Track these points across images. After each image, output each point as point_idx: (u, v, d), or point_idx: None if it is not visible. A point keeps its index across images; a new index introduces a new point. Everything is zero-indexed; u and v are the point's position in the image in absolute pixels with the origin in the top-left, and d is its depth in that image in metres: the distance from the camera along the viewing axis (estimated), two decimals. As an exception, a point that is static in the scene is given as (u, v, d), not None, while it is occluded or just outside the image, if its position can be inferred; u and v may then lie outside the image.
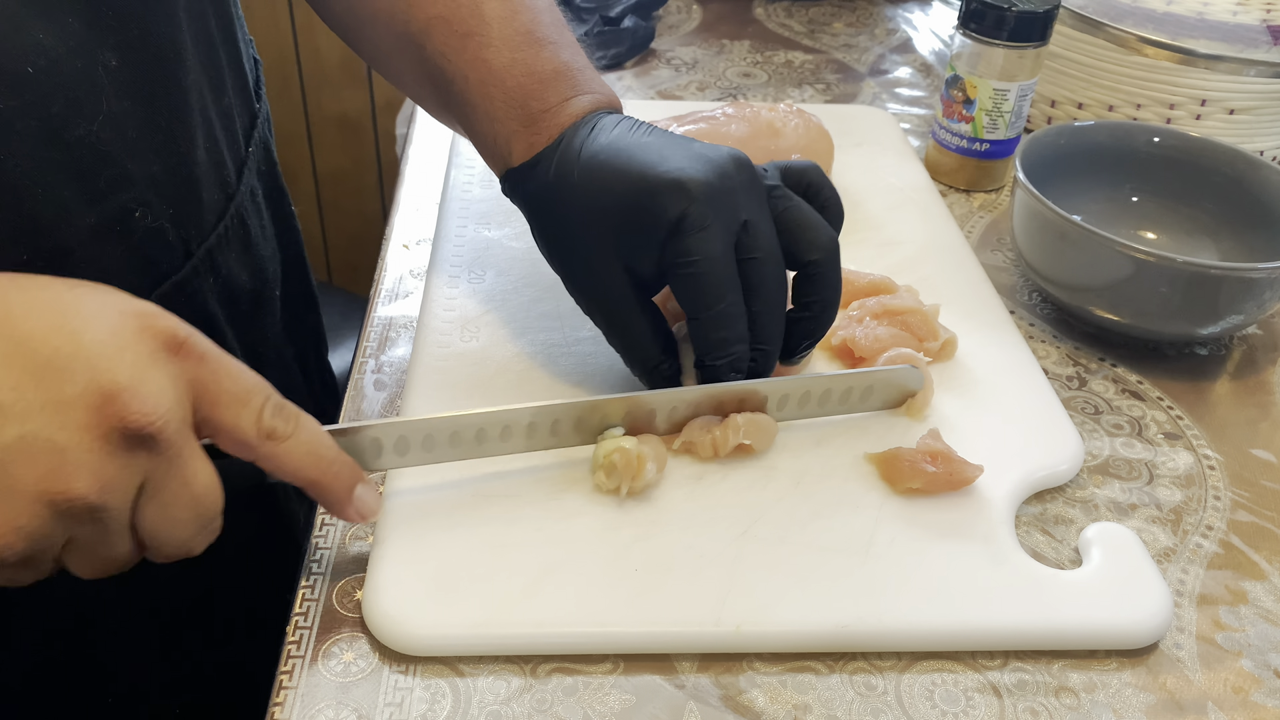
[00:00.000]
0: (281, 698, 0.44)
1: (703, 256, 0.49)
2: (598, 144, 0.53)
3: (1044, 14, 0.74)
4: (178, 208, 0.53)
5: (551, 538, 0.49)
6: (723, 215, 0.50)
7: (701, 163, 0.51)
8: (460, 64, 0.56)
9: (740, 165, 0.52)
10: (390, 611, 0.45)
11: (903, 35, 1.10)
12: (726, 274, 0.50)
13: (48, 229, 0.47)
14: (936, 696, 0.45)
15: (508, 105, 0.55)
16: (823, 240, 0.52)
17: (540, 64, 0.56)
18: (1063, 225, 0.62)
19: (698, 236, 0.49)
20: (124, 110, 0.49)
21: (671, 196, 0.49)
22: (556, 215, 0.54)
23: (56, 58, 0.45)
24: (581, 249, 0.53)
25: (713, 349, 0.51)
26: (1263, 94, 0.80)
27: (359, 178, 1.78)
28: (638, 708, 0.44)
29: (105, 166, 0.48)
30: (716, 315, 0.50)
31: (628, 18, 1.03)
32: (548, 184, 0.54)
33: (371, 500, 0.45)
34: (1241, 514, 0.55)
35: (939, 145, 0.82)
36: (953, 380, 0.60)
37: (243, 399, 0.40)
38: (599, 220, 0.52)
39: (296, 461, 0.42)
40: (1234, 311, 0.61)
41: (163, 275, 0.53)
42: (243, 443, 0.41)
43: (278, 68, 1.64)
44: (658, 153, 0.52)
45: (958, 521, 0.51)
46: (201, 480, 0.40)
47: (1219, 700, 0.46)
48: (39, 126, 0.45)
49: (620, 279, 0.52)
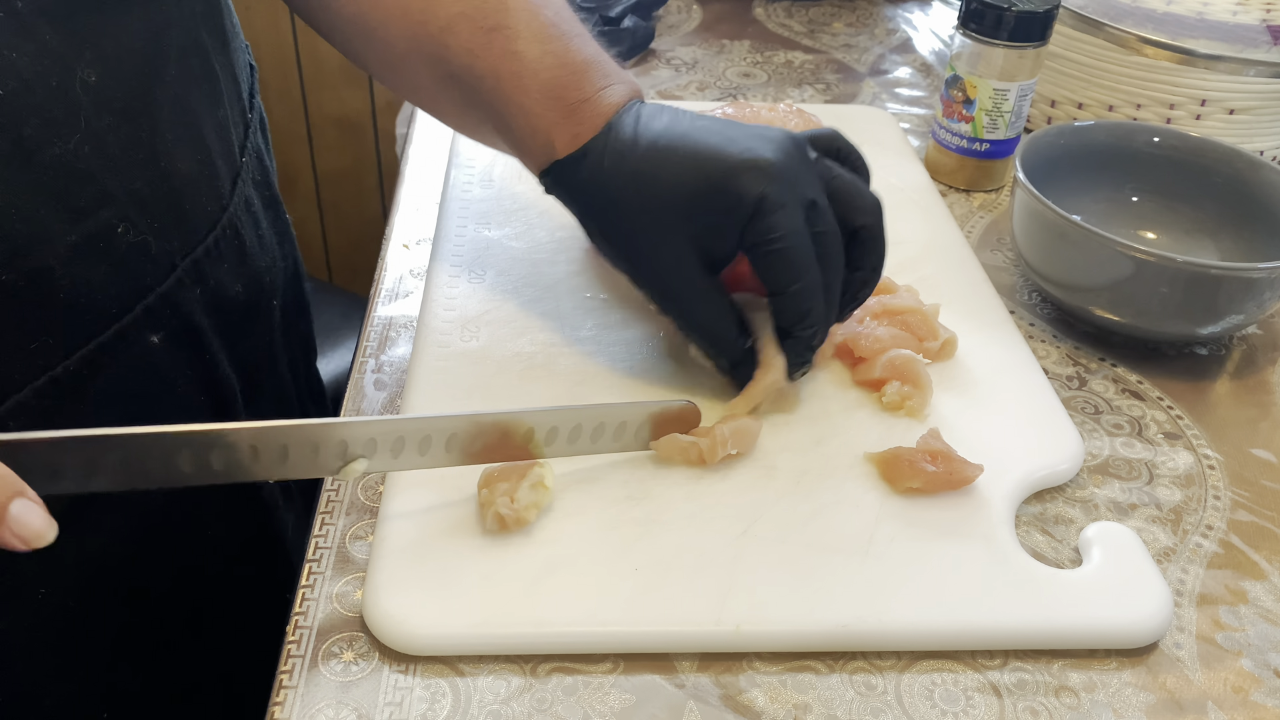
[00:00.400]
0: (281, 697, 0.44)
1: (787, 232, 0.51)
2: (654, 130, 0.53)
3: (1044, 14, 0.74)
4: (161, 221, 0.52)
5: (551, 537, 0.49)
6: (796, 193, 0.52)
7: (768, 143, 0.52)
8: (489, 59, 0.55)
9: (798, 144, 0.54)
10: (390, 611, 0.45)
11: (903, 35, 1.10)
12: (807, 247, 0.52)
13: (26, 249, 0.45)
14: (936, 696, 0.45)
15: (544, 98, 0.54)
16: (870, 204, 0.55)
17: (570, 55, 0.55)
18: (1063, 225, 0.62)
19: (781, 214, 0.51)
20: (104, 126, 0.48)
21: (751, 177, 0.51)
22: (616, 205, 0.54)
23: (29, 78, 0.44)
24: (648, 237, 0.53)
25: (800, 320, 0.53)
26: (1263, 94, 0.80)
27: (359, 178, 1.78)
28: (638, 707, 0.44)
29: (85, 185, 0.47)
30: (804, 288, 0.52)
31: (628, 18, 1.03)
32: (602, 175, 0.54)
33: (33, 521, 0.38)
34: (1241, 514, 0.55)
35: (939, 145, 0.82)
36: (953, 380, 0.60)
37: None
38: (667, 206, 0.52)
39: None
40: (1234, 311, 0.61)
41: (146, 289, 0.52)
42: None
43: (278, 69, 1.64)
44: (722, 135, 0.53)
45: (958, 521, 0.51)
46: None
47: (1219, 700, 0.46)
48: (12, 149, 0.44)
49: (694, 262, 0.53)
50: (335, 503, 0.53)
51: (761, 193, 0.51)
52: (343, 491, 0.53)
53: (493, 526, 0.48)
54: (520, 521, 0.48)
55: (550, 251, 0.68)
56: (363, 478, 0.47)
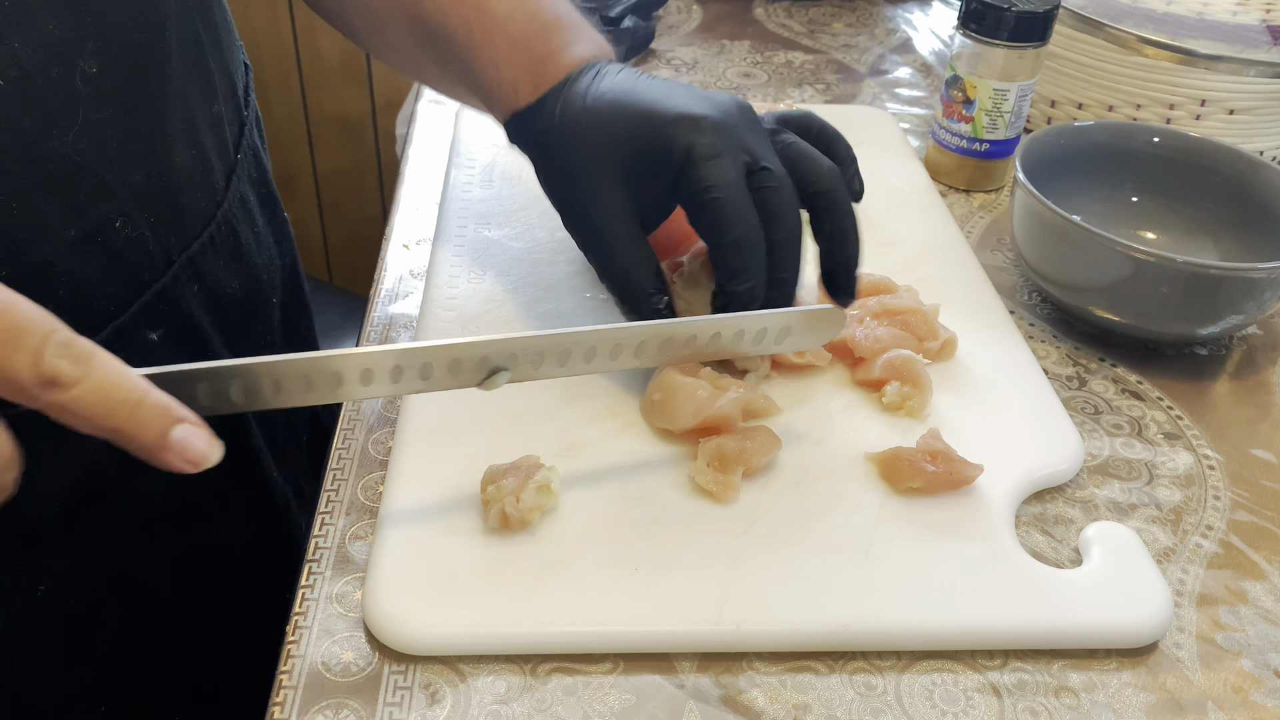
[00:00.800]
0: (281, 697, 0.44)
1: (718, 183, 0.51)
2: (604, 85, 0.55)
3: (1044, 14, 0.74)
4: (158, 216, 0.52)
5: (551, 537, 0.49)
6: (731, 146, 0.52)
7: (706, 101, 0.53)
8: (461, 17, 0.57)
9: (742, 106, 0.54)
10: (390, 611, 0.45)
11: (903, 35, 1.10)
12: (742, 200, 0.51)
13: (24, 245, 0.45)
14: (936, 696, 0.45)
15: (512, 50, 0.56)
16: (824, 170, 0.55)
17: (541, 11, 0.57)
18: (1063, 225, 0.62)
19: (711, 164, 0.51)
20: (103, 119, 0.47)
21: (680, 128, 0.52)
22: (562, 153, 0.55)
23: (30, 69, 0.44)
24: (586, 184, 0.54)
25: (734, 275, 0.52)
26: (1263, 94, 0.80)
27: (359, 178, 1.78)
28: (638, 707, 0.44)
29: (84, 178, 0.47)
30: (736, 240, 0.51)
31: (628, 18, 1.03)
32: (553, 124, 0.55)
33: (198, 442, 0.39)
34: (1241, 514, 0.55)
35: (939, 145, 0.82)
36: (953, 380, 0.60)
37: (15, 338, 0.34)
38: (607, 156, 0.54)
39: (88, 409, 0.36)
40: (1234, 311, 0.61)
41: (144, 284, 0.52)
42: (19, 390, 0.35)
43: (278, 68, 1.64)
44: (664, 92, 0.54)
45: (958, 521, 0.51)
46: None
47: (1219, 700, 0.46)
48: (13, 141, 0.44)
49: (622, 211, 0.54)
50: (335, 503, 0.53)
51: (691, 143, 0.51)
52: (342, 491, 0.53)
53: (495, 524, 0.48)
54: (523, 523, 0.48)
55: (550, 251, 0.68)
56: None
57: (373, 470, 0.54)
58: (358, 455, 0.55)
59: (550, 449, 0.53)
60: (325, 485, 0.53)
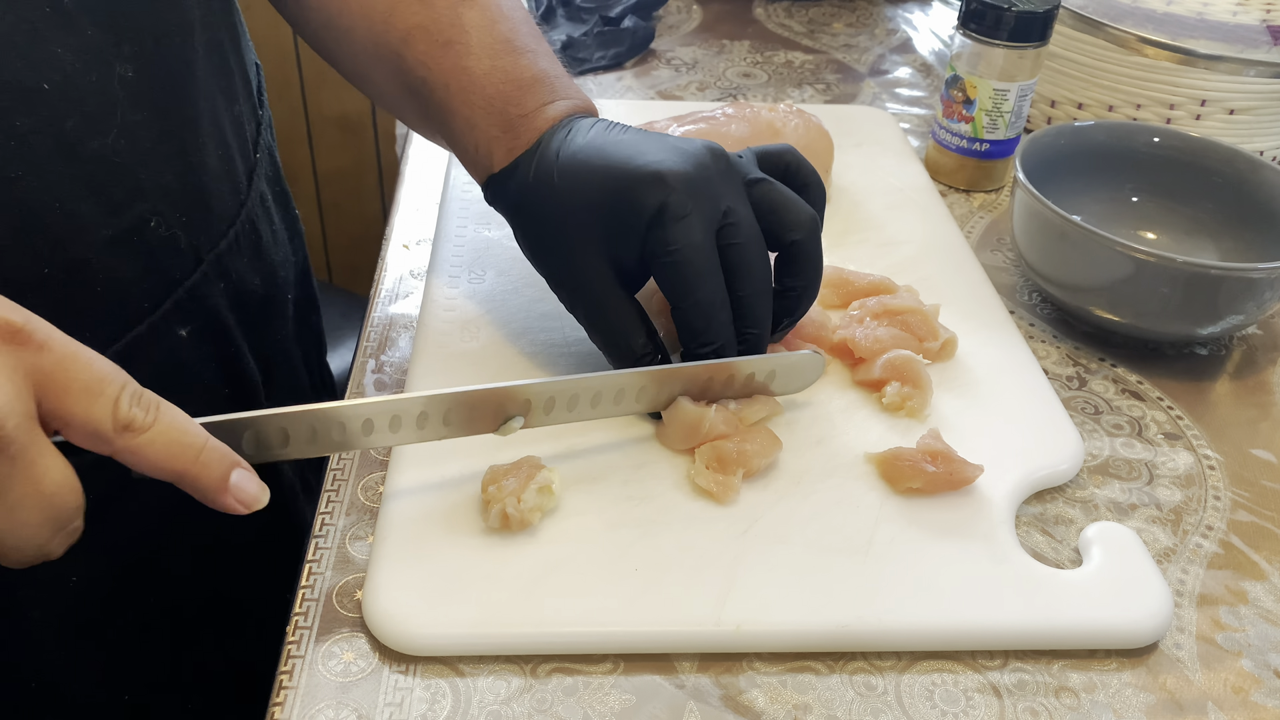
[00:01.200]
0: (281, 697, 0.44)
1: (683, 245, 0.50)
2: (575, 144, 0.54)
3: (1044, 14, 0.74)
4: (189, 215, 0.54)
5: (552, 537, 0.49)
6: (701, 204, 0.51)
7: (677, 154, 0.52)
8: (440, 72, 0.57)
9: (715, 155, 0.53)
10: (390, 611, 0.45)
11: (903, 35, 1.10)
12: (707, 262, 0.51)
13: (65, 243, 0.47)
14: (936, 696, 0.45)
15: (488, 112, 0.56)
16: (802, 219, 0.54)
17: (519, 71, 0.56)
18: (1063, 225, 0.62)
19: (678, 226, 0.50)
20: (139, 121, 0.49)
21: (650, 188, 0.50)
22: (539, 216, 0.55)
23: (72, 72, 0.45)
24: (564, 246, 0.54)
25: (696, 336, 0.52)
26: (1263, 94, 0.80)
27: (359, 178, 1.78)
28: (638, 708, 0.44)
29: (120, 179, 0.48)
30: (698, 303, 0.51)
31: (628, 18, 1.03)
32: (528, 186, 0.54)
33: (250, 488, 0.41)
34: (1241, 514, 0.55)
35: (939, 145, 0.82)
36: (953, 380, 0.60)
37: (94, 388, 0.37)
38: (581, 217, 0.53)
39: (158, 454, 0.38)
40: (1234, 311, 0.61)
41: (175, 282, 0.54)
42: (96, 436, 0.37)
43: (278, 68, 1.64)
44: (634, 147, 0.53)
45: (958, 521, 0.51)
46: (52, 478, 0.36)
47: (1219, 700, 0.46)
48: (55, 143, 0.45)
49: (603, 271, 0.53)
50: (335, 503, 0.53)
51: (660, 203, 0.50)
52: (343, 492, 0.53)
53: (495, 524, 0.48)
54: (523, 523, 0.48)
55: (550, 251, 0.68)
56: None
57: (373, 470, 0.54)
58: (358, 455, 0.55)
59: (550, 449, 0.53)
60: (325, 485, 0.53)
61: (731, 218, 0.51)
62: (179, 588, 0.60)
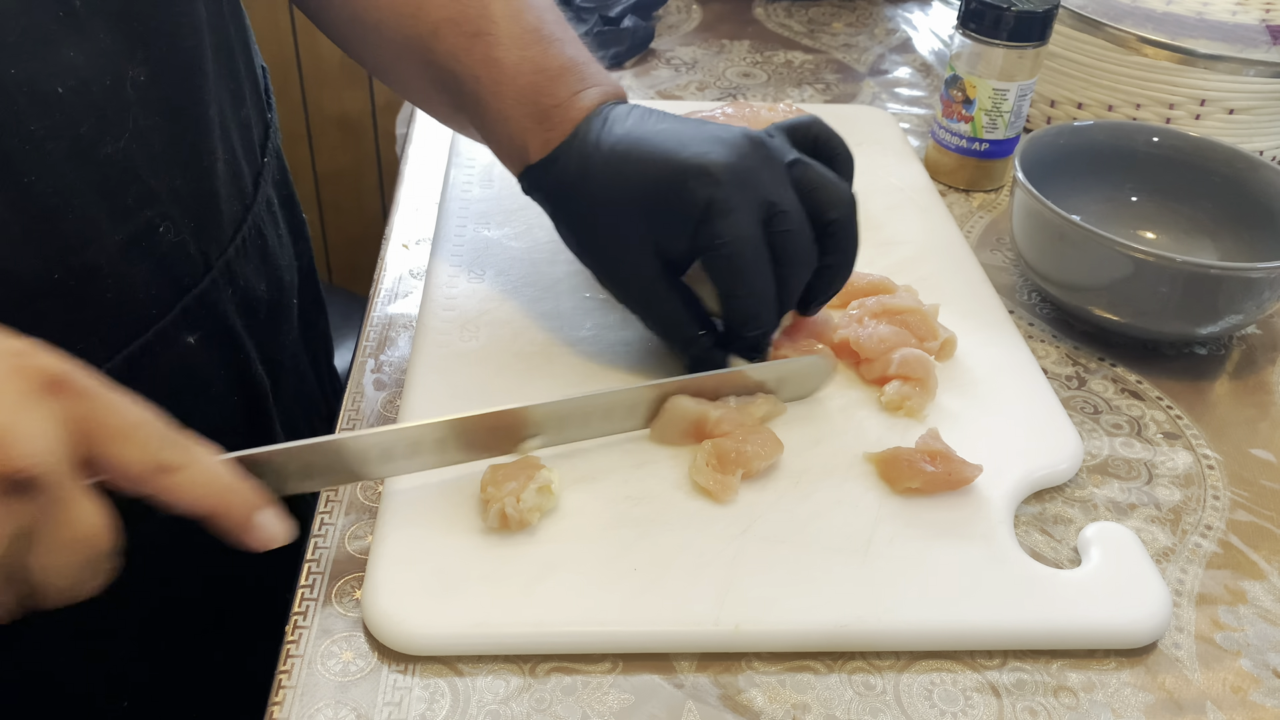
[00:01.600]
0: (280, 697, 0.44)
1: (733, 238, 0.51)
2: (615, 135, 0.54)
3: (1044, 14, 0.74)
4: (199, 221, 0.54)
5: (551, 537, 0.49)
6: (748, 195, 0.51)
7: (721, 146, 0.52)
8: (471, 64, 0.57)
9: (756, 144, 0.53)
10: (389, 611, 0.45)
11: (902, 35, 1.10)
12: (757, 253, 0.52)
13: (78, 248, 0.47)
14: (935, 696, 0.45)
15: (519, 103, 0.56)
16: (841, 197, 0.54)
17: (549, 60, 0.56)
18: (1062, 225, 0.62)
19: (728, 220, 0.51)
20: (150, 126, 0.49)
21: (698, 182, 0.51)
22: (581, 209, 0.55)
23: (86, 77, 0.45)
24: (611, 237, 0.55)
25: (747, 324, 0.53)
26: (1262, 94, 0.80)
27: (359, 178, 1.78)
28: (637, 707, 0.44)
29: (132, 183, 0.48)
30: (752, 293, 0.52)
31: (628, 18, 1.03)
32: (570, 178, 0.55)
33: (274, 526, 0.43)
34: (1240, 514, 0.55)
35: (938, 145, 0.82)
36: (952, 380, 0.60)
37: (130, 433, 0.38)
38: (627, 208, 0.53)
39: (192, 493, 0.40)
40: (1233, 311, 0.61)
41: (184, 288, 0.54)
42: (133, 478, 0.39)
43: (278, 68, 1.64)
44: (676, 139, 0.53)
45: (957, 521, 0.51)
46: (88, 521, 0.37)
47: (1218, 700, 0.46)
48: (69, 147, 0.45)
49: (652, 262, 0.54)
50: (334, 503, 0.53)
51: (709, 198, 0.51)
52: (342, 492, 0.53)
53: (494, 524, 0.48)
54: (522, 523, 0.48)
55: (550, 251, 0.68)
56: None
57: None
58: (357, 455, 0.55)
59: (550, 449, 0.53)
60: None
61: (780, 206, 0.52)
62: (182, 593, 0.60)
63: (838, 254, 0.55)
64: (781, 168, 0.53)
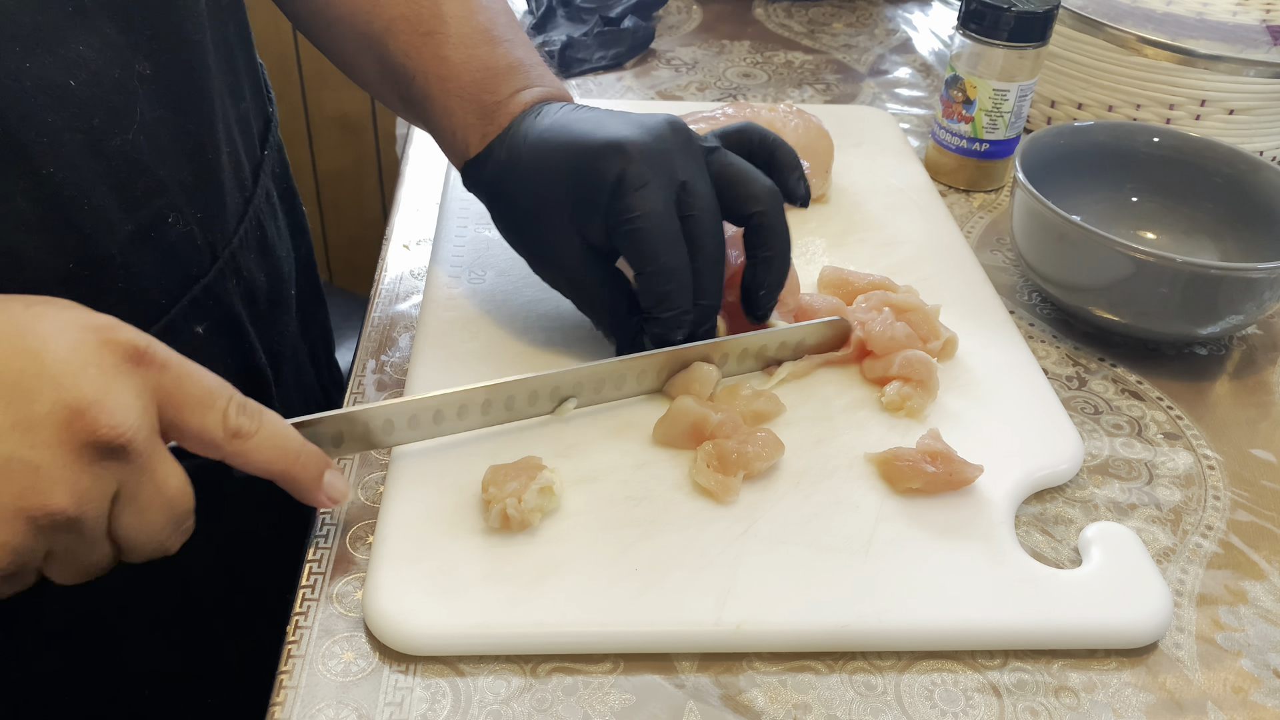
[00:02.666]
0: (281, 697, 0.44)
1: (643, 212, 0.51)
2: (542, 125, 0.56)
3: (1044, 14, 0.74)
4: (205, 212, 0.55)
5: (552, 537, 0.49)
6: (660, 174, 0.52)
7: (637, 127, 0.53)
8: (420, 62, 0.59)
9: (675, 128, 0.54)
10: (390, 611, 0.45)
11: (903, 35, 1.10)
12: (668, 229, 0.52)
13: (90, 238, 0.48)
14: (936, 696, 0.45)
15: (464, 100, 0.58)
16: (761, 191, 0.55)
17: (495, 60, 0.58)
18: (1062, 225, 0.62)
19: (638, 194, 0.51)
20: (157, 118, 0.50)
21: (610, 158, 0.52)
22: (511, 195, 0.57)
23: (96, 69, 0.46)
24: (538, 223, 0.56)
25: (659, 303, 0.53)
26: (1262, 94, 0.80)
27: (359, 178, 1.78)
28: (637, 707, 0.44)
29: (141, 175, 0.50)
30: (660, 269, 0.52)
31: (628, 18, 1.03)
32: (500, 169, 0.57)
33: (340, 485, 0.47)
34: (1241, 514, 0.55)
35: (939, 145, 0.82)
36: (953, 380, 0.60)
37: (207, 401, 0.41)
38: (550, 192, 0.54)
39: (264, 456, 0.43)
40: (1234, 311, 0.61)
41: (192, 279, 0.55)
42: (210, 443, 0.42)
43: (278, 68, 1.64)
44: (596, 123, 0.54)
45: (957, 521, 0.51)
46: (173, 484, 0.41)
47: (1218, 700, 0.46)
48: (83, 139, 0.46)
49: (577, 245, 0.55)
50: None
51: (621, 172, 0.51)
52: (343, 491, 0.53)
53: (495, 524, 0.48)
54: (523, 524, 0.48)
55: (550, 252, 0.68)
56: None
57: (373, 471, 0.54)
58: (358, 455, 0.55)
59: (550, 449, 0.53)
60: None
61: (689, 189, 0.53)
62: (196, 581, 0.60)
63: (767, 248, 0.55)
64: (699, 155, 0.54)
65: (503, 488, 0.48)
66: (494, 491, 0.49)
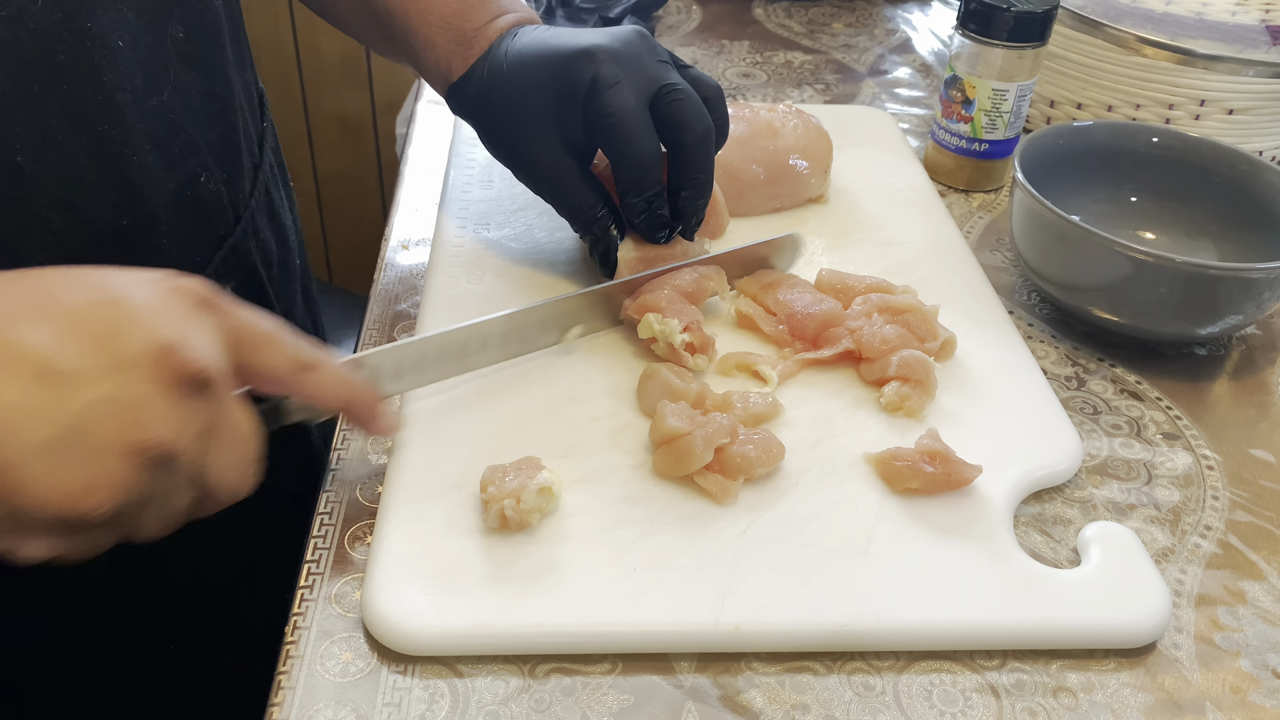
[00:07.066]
0: (280, 697, 0.44)
1: (617, 109, 0.57)
2: (520, 44, 0.61)
3: (1043, 14, 0.74)
4: (229, 172, 0.58)
5: (550, 537, 0.49)
6: (631, 74, 0.57)
7: (607, 35, 0.59)
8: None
9: (642, 35, 0.60)
10: (388, 611, 0.45)
11: (902, 35, 1.10)
12: (641, 123, 0.57)
13: (140, 195, 0.51)
14: (935, 697, 0.45)
15: (444, 29, 0.63)
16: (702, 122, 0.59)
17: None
18: (1062, 225, 0.62)
19: (609, 92, 0.57)
20: (189, 80, 0.53)
21: (583, 63, 0.57)
22: (493, 108, 0.62)
23: (136, 32, 0.49)
24: (519, 130, 0.61)
25: (633, 189, 0.58)
26: (1262, 94, 0.80)
27: (359, 178, 1.79)
28: (636, 708, 0.44)
29: (177, 134, 0.53)
30: (636, 160, 0.57)
31: (627, 18, 1.03)
32: (483, 87, 0.62)
33: (392, 416, 0.51)
34: (1240, 514, 0.55)
35: (938, 145, 0.82)
36: (952, 380, 0.60)
37: (273, 340, 0.44)
38: (530, 103, 0.59)
39: (329, 388, 0.46)
40: (1233, 312, 0.61)
41: (220, 238, 0.58)
42: (279, 379, 0.44)
43: (278, 67, 1.64)
44: (570, 36, 0.60)
45: (957, 521, 0.51)
46: (246, 424, 0.42)
47: (1217, 700, 0.46)
48: (130, 98, 0.49)
49: (556, 147, 0.60)
50: (334, 503, 0.53)
51: (594, 74, 0.57)
52: (342, 492, 0.53)
53: (494, 523, 0.48)
54: (522, 524, 0.48)
55: (550, 252, 0.68)
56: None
57: (372, 471, 0.54)
58: (357, 456, 0.55)
59: (549, 449, 0.53)
60: (324, 485, 0.54)
61: (666, 81, 0.58)
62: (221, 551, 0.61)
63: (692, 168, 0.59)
64: (668, 60, 0.60)
65: (501, 488, 0.48)
66: (492, 491, 0.49)
